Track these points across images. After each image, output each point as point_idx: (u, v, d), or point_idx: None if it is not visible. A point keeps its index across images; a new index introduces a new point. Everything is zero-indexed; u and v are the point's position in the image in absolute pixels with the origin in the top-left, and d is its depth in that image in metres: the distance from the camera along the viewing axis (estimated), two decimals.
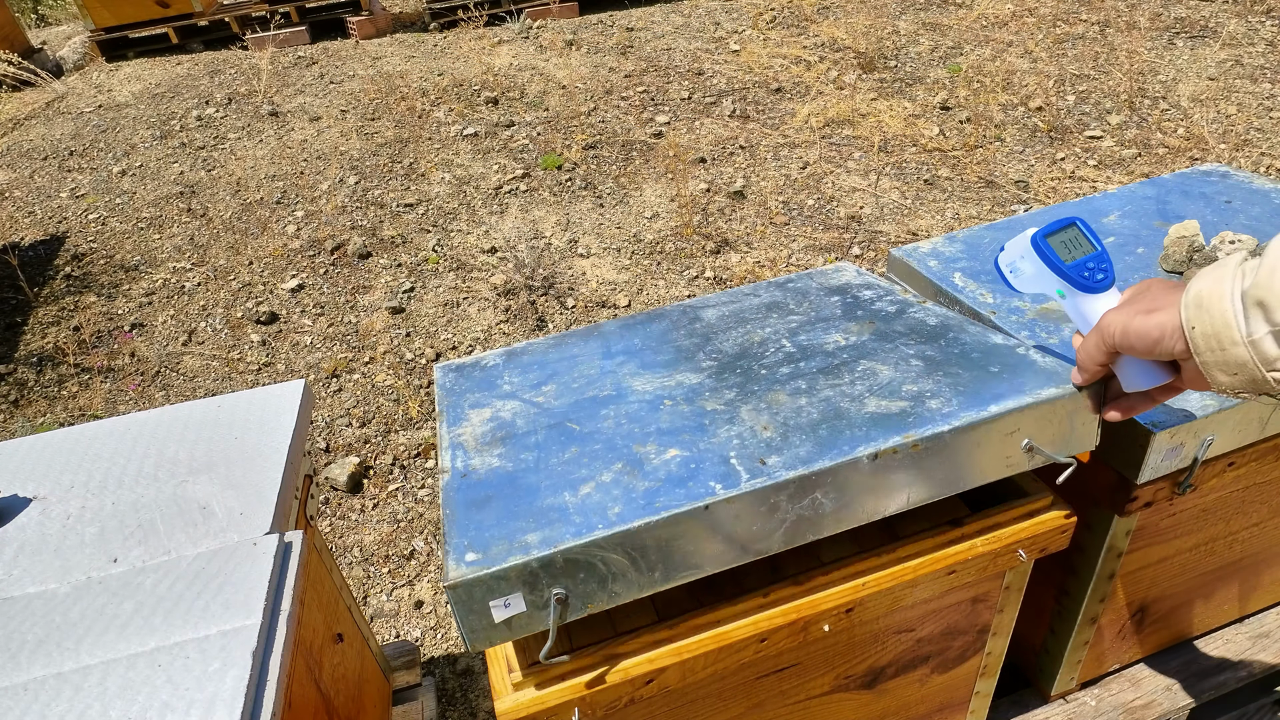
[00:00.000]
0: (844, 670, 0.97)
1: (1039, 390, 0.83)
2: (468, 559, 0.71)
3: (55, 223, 4.10)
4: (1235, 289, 0.64)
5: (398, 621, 2.05)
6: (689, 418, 0.88)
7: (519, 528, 0.74)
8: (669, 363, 1.01)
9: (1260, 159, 3.54)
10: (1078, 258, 0.80)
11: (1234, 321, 0.64)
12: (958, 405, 0.83)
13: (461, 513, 0.78)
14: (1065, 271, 0.80)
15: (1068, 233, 0.82)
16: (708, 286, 3.18)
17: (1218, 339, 0.65)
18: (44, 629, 0.82)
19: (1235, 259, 0.67)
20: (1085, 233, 0.82)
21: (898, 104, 4.44)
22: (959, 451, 0.81)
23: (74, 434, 1.12)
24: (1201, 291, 0.66)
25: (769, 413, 0.86)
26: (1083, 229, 0.83)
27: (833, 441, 0.80)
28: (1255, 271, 0.63)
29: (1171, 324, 0.68)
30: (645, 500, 0.75)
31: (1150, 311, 0.70)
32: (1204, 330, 0.65)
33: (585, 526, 0.73)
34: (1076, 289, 0.80)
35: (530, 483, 0.81)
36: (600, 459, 0.83)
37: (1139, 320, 0.70)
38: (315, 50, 6.28)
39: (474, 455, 0.88)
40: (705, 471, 0.78)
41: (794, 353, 0.98)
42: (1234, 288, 0.64)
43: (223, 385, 2.93)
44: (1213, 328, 0.65)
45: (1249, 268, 0.64)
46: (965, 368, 0.89)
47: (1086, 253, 0.81)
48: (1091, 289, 0.79)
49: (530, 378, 1.03)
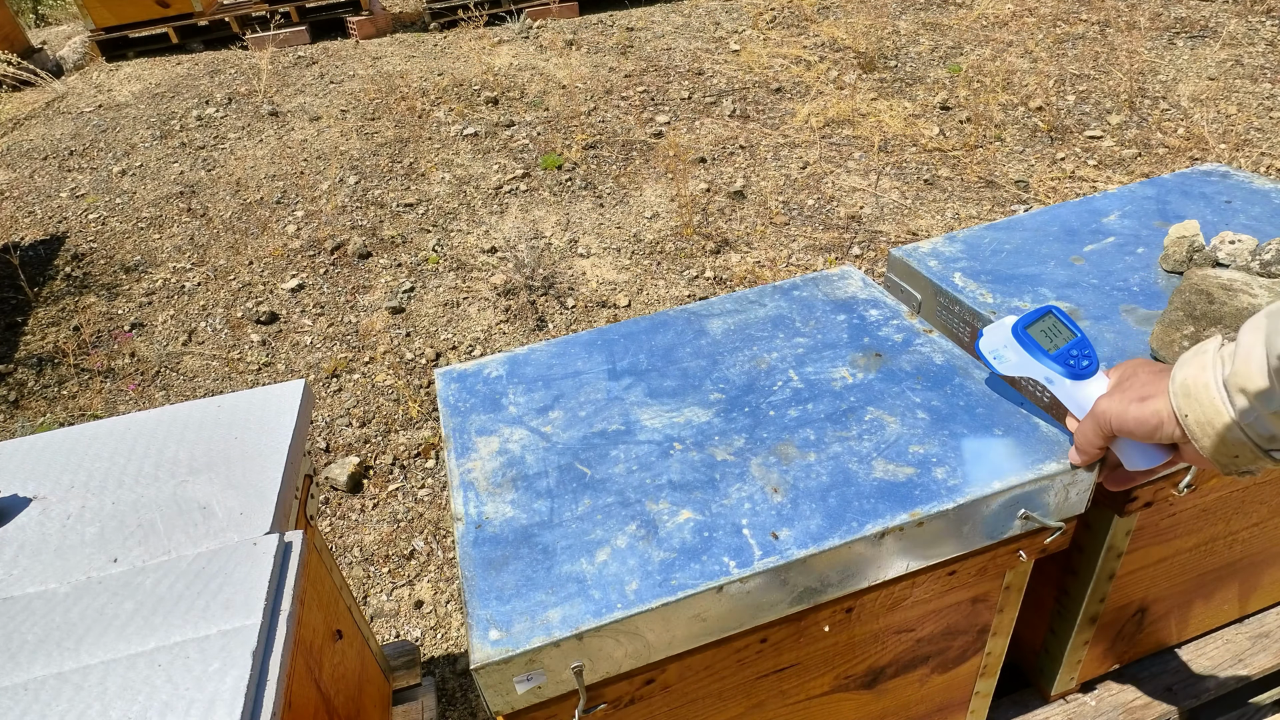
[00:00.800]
0: (844, 670, 0.97)
1: (1040, 465, 0.85)
2: (492, 638, 0.74)
3: (55, 223, 4.10)
4: (1217, 377, 0.67)
5: (398, 621, 2.05)
6: (699, 469, 0.90)
7: (540, 602, 0.77)
8: (676, 391, 1.02)
9: (1260, 159, 3.54)
10: (1060, 346, 0.83)
11: (1223, 409, 0.66)
12: (962, 477, 0.85)
13: (480, 577, 0.80)
14: (1051, 361, 0.83)
15: (1045, 321, 0.85)
16: (708, 286, 3.18)
17: (1211, 425, 0.67)
18: (44, 629, 0.82)
19: (1213, 345, 0.69)
20: (1062, 320, 0.85)
21: (898, 104, 4.44)
22: (961, 523, 0.84)
23: (74, 434, 1.12)
24: (1188, 380, 0.69)
25: (779, 469, 0.88)
26: (1059, 316, 0.86)
27: (841, 515, 0.82)
28: (1232, 359, 0.65)
29: (1166, 411, 0.71)
30: (661, 575, 0.78)
31: (1144, 399, 0.73)
32: (1197, 418, 0.68)
33: (605, 605, 0.76)
34: (1064, 377, 0.83)
35: (547, 542, 0.83)
36: (614, 516, 0.85)
37: (1135, 409, 0.73)
38: (315, 50, 6.28)
39: (486, 500, 0.89)
40: (719, 543, 0.80)
41: (801, 389, 1.00)
42: (1215, 376, 0.67)
43: (223, 385, 2.93)
44: (1204, 415, 0.67)
45: (1226, 355, 0.67)
46: (970, 426, 0.91)
47: (1068, 339, 0.84)
48: (1079, 375, 0.82)
49: (535, 398, 1.04)
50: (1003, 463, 0.86)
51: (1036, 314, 0.86)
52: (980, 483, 0.84)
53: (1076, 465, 0.84)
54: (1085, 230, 1.29)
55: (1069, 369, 0.82)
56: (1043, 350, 0.84)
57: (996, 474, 0.85)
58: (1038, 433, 0.90)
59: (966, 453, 0.88)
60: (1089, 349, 0.83)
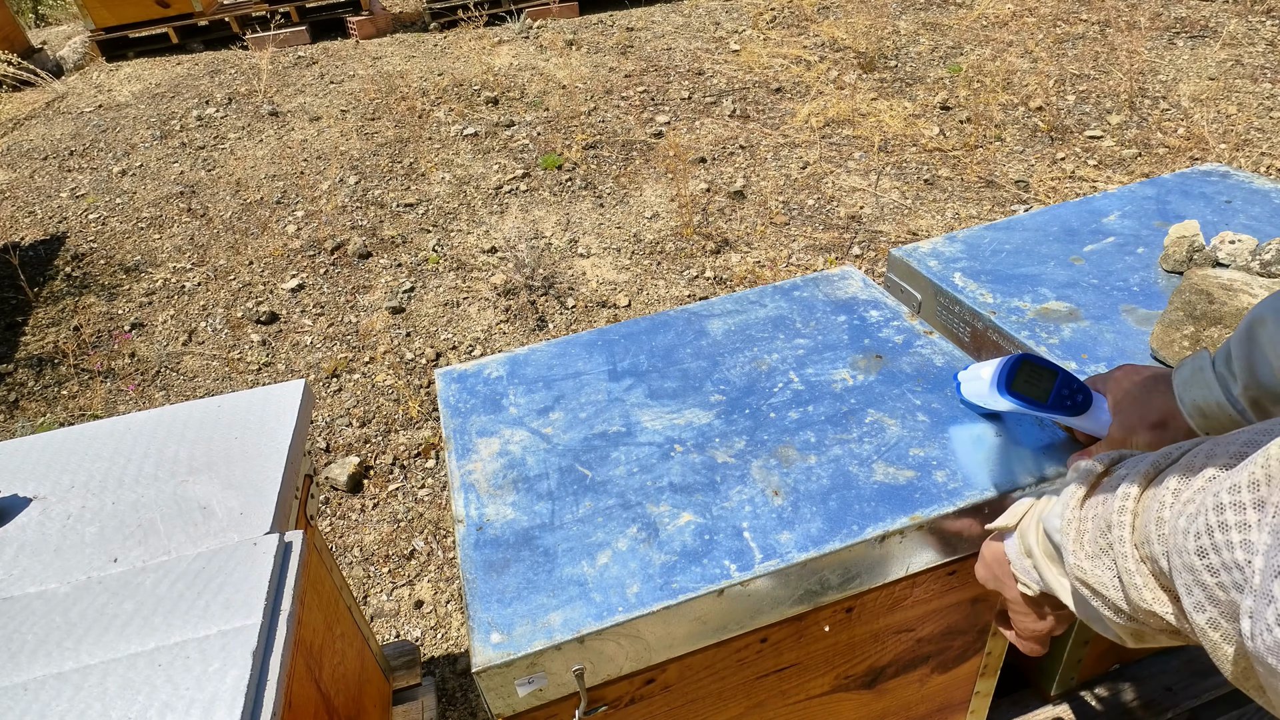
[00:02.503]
0: (844, 670, 0.97)
1: (1040, 468, 0.86)
2: (493, 641, 0.74)
3: (55, 223, 4.10)
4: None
5: (398, 621, 2.05)
6: (700, 471, 0.90)
7: (541, 604, 0.77)
8: (677, 392, 1.02)
9: (1260, 159, 3.54)
10: (1049, 390, 0.81)
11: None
12: (962, 480, 0.85)
13: (482, 579, 0.80)
14: (1048, 411, 0.82)
15: (1023, 372, 0.82)
16: (708, 286, 3.18)
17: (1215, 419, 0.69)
18: (44, 629, 0.82)
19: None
20: (1036, 363, 0.83)
21: (898, 104, 4.44)
22: (960, 526, 0.84)
23: (74, 434, 1.12)
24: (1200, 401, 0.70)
25: (779, 471, 0.88)
26: (1033, 360, 0.83)
27: (842, 518, 0.82)
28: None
29: (1170, 408, 0.72)
30: (662, 578, 0.78)
31: (1155, 426, 0.73)
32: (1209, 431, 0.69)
33: (606, 608, 0.75)
34: (1069, 416, 0.81)
35: (548, 544, 0.83)
36: (615, 519, 0.85)
37: (1147, 435, 0.73)
38: (315, 50, 6.28)
39: (487, 502, 0.89)
40: (720, 546, 0.80)
41: (802, 391, 1.00)
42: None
43: (223, 385, 2.92)
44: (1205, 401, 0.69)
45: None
46: (970, 430, 0.91)
47: (1052, 380, 0.81)
48: (1079, 409, 0.81)
49: (536, 399, 1.04)
50: (1003, 465, 0.86)
51: (1010, 369, 0.83)
52: (980, 485, 0.84)
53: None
54: (1085, 230, 1.29)
55: (1069, 408, 0.81)
56: (1036, 403, 0.81)
57: (997, 477, 0.85)
58: (1037, 435, 0.90)
59: (967, 455, 0.88)
60: (1073, 380, 0.81)
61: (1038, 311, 1.10)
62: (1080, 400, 0.80)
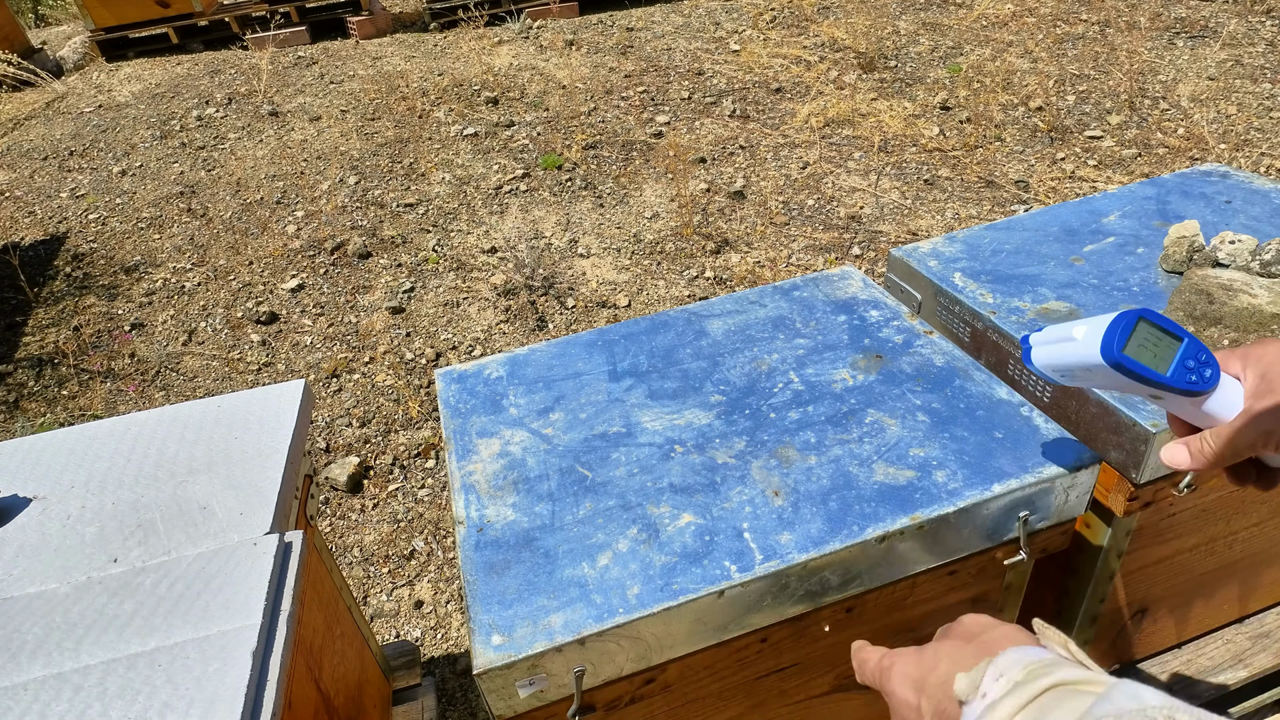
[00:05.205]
0: (844, 670, 0.97)
1: (1040, 469, 0.85)
2: (494, 643, 0.74)
3: (55, 223, 4.10)
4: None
5: (398, 621, 2.05)
6: (700, 471, 0.89)
7: (541, 606, 0.76)
8: (677, 392, 1.02)
9: (1260, 159, 3.54)
10: (1172, 361, 0.63)
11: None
12: (963, 481, 0.84)
13: (482, 581, 0.80)
14: (1170, 384, 0.63)
15: (1140, 333, 0.64)
16: (708, 286, 3.17)
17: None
18: (44, 629, 0.82)
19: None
20: (1156, 323, 0.64)
21: (898, 104, 4.44)
22: (961, 527, 0.84)
23: (74, 434, 1.12)
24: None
25: (779, 472, 0.88)
26: (1151, 319, 0.64)
27: (842, 518, 0.82)
28: None
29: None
30: (663, 580, 0.77)
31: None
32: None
33: (606, 609, 0.75)
34: (1191, 395, 0.63)
35: (548, 546, 0.83)
36: (615, 520, 0.85)
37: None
38: (315, 50, 6.28)
39: (488, 503, 0.89)
40: (720, 547, 0.80)
41: (802, 391, 1.00)
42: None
43: (223, 385, 2.92)
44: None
45: None
46: (970, 429, 0.91)
47: (1176, 348, 0.63)
48: (1205, 386, 0.62)
49: (536, 400, 1.04)
50: (1003, 466, 0.86)
51: (1125, 328, 0.64)
52: (980, 486, 0.84)
53: (1197, 469, 0.65)
54: (1085, 230, 1.29)
55: (1192, 384, 0.62)
56: (1154, 373, 0.63)
57: (997, 477, 0.85)
58: (1038, 435, 0.89)
59: (966, 455, 0.88)
60: (1203, 350, 0.63)
61: (1038, 311, 1.10)
62: (1209, 376, 0.62)
